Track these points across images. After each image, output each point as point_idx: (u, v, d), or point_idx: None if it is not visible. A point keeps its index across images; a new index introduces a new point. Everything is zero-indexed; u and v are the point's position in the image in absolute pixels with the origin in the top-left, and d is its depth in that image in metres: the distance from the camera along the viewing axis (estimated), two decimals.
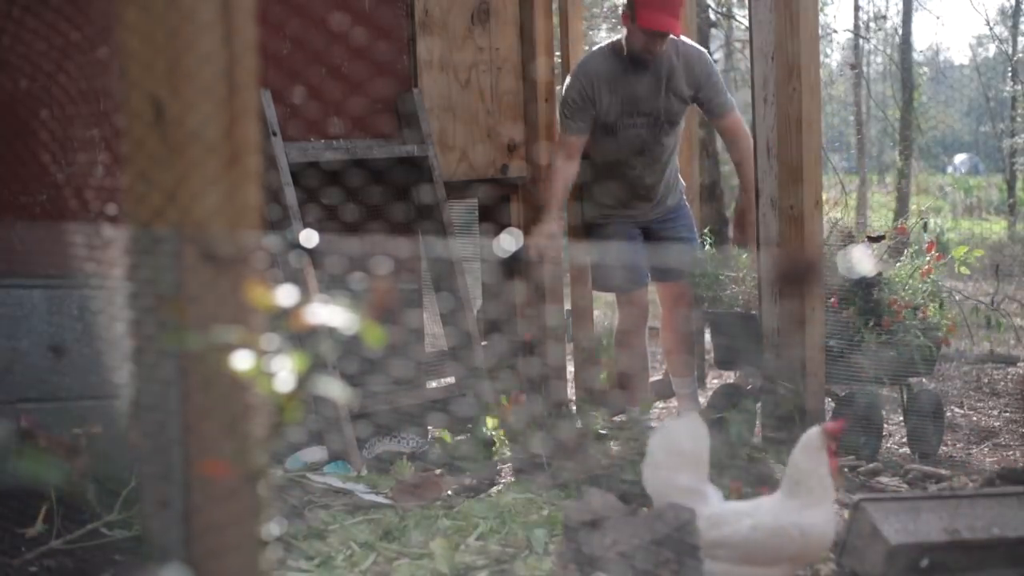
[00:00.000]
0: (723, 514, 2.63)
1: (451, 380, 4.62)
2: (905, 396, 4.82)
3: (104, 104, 3.73)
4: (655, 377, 5.43)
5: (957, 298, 9.71)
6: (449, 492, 3.62)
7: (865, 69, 17.41)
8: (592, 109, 4.70)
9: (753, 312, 4.62)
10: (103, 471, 3.26)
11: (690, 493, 2.64)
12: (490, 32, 4.81)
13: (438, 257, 4.47)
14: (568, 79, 4.82)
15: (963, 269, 4.68)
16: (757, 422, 4.60)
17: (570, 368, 5.42)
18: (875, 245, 4.59)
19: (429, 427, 4.39)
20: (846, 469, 4.16)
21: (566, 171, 4.74)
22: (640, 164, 4.84)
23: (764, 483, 3.76)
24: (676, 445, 2.68)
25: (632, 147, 4.80)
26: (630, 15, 4.59)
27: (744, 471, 3.79)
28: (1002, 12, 22.19)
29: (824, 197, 4.66)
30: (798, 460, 2.64)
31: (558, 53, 5.31)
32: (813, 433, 2.64)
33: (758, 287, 4.55)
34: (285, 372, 1.40)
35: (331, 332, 1.42)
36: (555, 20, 5.22)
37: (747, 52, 6.84)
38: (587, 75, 4.72)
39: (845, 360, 4.39)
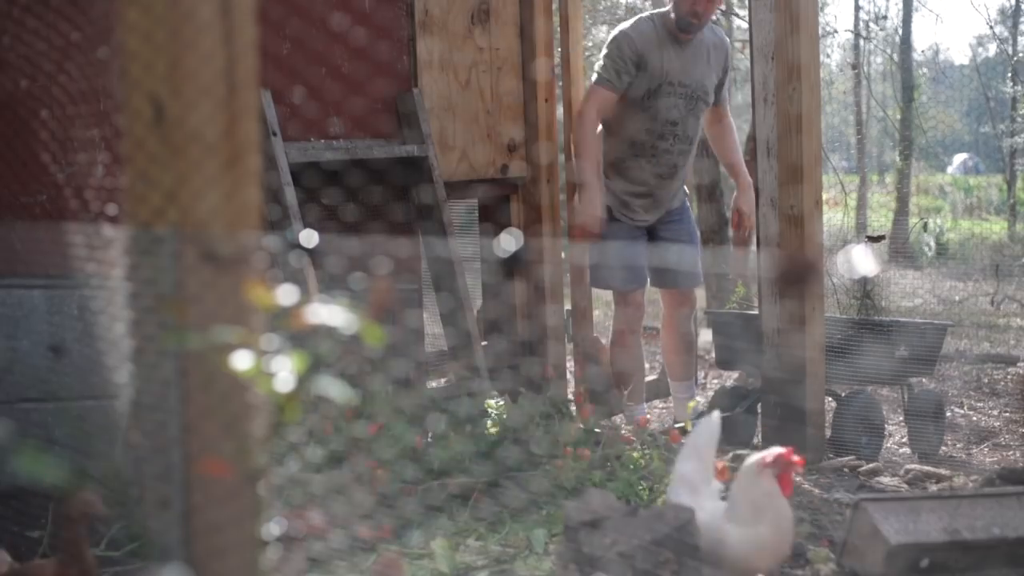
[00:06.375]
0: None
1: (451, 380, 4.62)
2: (906, 396, 4.83)
3: (104, 104, 3.73)
4: (650, 377, 5.42)
5: (957, 298, 9.72)
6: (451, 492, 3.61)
7: (865, 69, 17.41)
8: (635, 70, 4.70)
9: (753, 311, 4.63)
10: (103, 471, 3.26)
11: (683, 482, 2.75)
12: (490, 32, 4.81)
13: (438, 257, 4.47)
14: (614, 36, 4.80)
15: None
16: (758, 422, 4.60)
17: (570, 367, 5.42)
18: (875, 245, 4.60)
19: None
20: (846, 470, 4.17)
21: (596, 128, 4.74)
22: (672, 139, 4.80)
23: None
24: (690, 438, 2.79)
25: (668, 119, 4.78)
26: None
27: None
28: (1002, 12, 22.21)
29: (824, 197, 4.66)
30: (733, 485, 2.74)
31: (558, 52, 5.31)
32: (751, 463, 2.71)
33: (758, 287, 4.55)
34: (285, 372, 1.40)
35: (331, 332, 1.42)
36: (555, 20, 5.22)
37: (747, 52, 6.83)
38: (640, 35, 4.74)
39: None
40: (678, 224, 4.99)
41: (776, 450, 2.68)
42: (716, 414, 2.86)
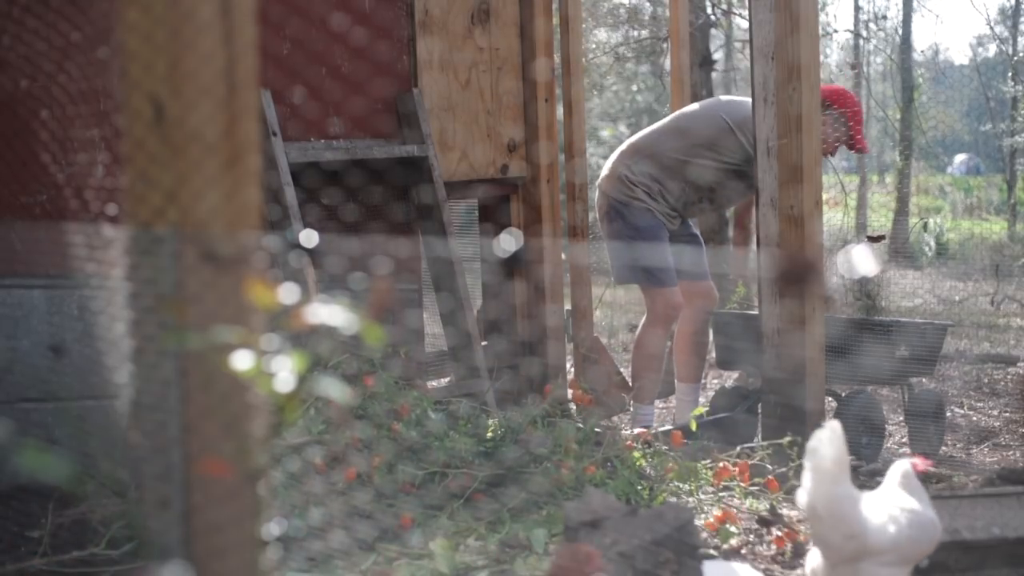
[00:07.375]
0: (885, 517, 2.51)
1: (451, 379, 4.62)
2: (906, 396, 4.83)
3: (104, 104, 3.73)
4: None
5: (957, 298, 9.72)
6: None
7: (865, 69, 17.41)
8: None
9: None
10: (103, 471, 3.26)
11: (854, 500, 2.49)
12: (490, 32, 4.81)
13: (438, 257, 4.47)
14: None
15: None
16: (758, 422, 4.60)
17: (570, 367, 5.42)
18: (875, 245, 4.60)
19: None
20: None
21: None
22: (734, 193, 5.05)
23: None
24: (838, 455, 2.47)
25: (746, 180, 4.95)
26: (844, 127, 4.93)
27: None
28: (1002, 12, 22.21)
29: (824, 197, 4.66)
30: (908, 484, 2.58)
31: (558, 53, 5.31)
32: (908, 466, 2.61)
33: (758, 287, 4.55)
34: (285, 372, 1.40)
35: (331, 332, 1.42)
36: (555, 20, 5.22)
37: (747, 52, 6.83)
38: None
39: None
40: (688, 223, 5.15)
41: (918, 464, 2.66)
42: (835, 423, 2.52)
